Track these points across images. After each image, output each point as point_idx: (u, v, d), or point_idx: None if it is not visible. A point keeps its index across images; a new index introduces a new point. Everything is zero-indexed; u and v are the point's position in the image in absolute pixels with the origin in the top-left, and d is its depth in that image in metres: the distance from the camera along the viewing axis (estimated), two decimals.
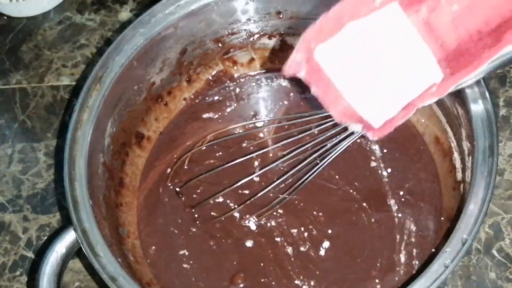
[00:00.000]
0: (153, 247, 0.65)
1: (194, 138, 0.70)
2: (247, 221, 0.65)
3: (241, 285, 0.62)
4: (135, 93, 0.66)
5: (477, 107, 0.56)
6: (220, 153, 0.69)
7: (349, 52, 0.44)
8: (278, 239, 0.64)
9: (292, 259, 0.63)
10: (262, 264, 0.63)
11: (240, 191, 0.66)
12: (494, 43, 0.46)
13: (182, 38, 0.66)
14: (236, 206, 0.65)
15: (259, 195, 0.64)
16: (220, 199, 0.66)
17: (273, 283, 0.62)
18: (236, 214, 0.65)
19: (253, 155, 0.66)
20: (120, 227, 0.63)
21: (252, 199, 0.64)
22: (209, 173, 0.66)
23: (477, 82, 0.54)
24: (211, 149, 0.69)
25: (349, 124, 0.48)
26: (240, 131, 0.70)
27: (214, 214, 0.65)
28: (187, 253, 0.64)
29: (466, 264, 0.63)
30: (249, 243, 0.64)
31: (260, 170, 0.66)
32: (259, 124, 0.71)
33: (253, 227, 0.65)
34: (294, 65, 0.45)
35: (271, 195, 0.65)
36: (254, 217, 0.65)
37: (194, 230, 0.65)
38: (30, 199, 0.72)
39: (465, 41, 0.44)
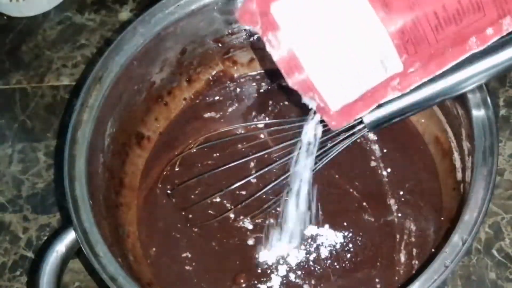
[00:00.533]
0: (154, 249, 0.65)
1: (194, 138, 0.70)
2: (241, 223, 0.65)
3: (244, 285, 0.62)
4: (135, 93, 0.66)
5: (478, 107, 0.56)
6: (218, 154, 0.69)
7: (305, 17, 0.43)
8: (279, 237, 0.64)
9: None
10: (264, 264, 0.63)
11: (237, 192, 0.66)
12: (457, 41, 0.45)
13: (182, 38, 0.66)
14: (232, 207, 0.65)
15: (256, 195, 0.64)
16: (217, 200, 0.66)
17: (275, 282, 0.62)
18: (232, 215, 0.65)
19: (252, 156, 0.66)
20: (120, 227, 0.63)
21: (249, 201, 0.64)
22: (208, 174, 0.66)
23: None
24: (209, 149, 0.69)
25: (305, 98, 0.46)
26: (239, 132, 0.70)
27: (211, 212, 0.65)
28: (189, 255, 0.64)
29: (466, 264, 0.63)
30: (250, 242, 0.64)
31: (257, 171, 0.66)
32: (259, 125, 0.71)
33: (252, 226, 0.65)
34: (249, 14, 0.44)
35: (263, 197, 0.64)
36: (248, 218, 0.65)
37: (195, 231, 0.65)
38: (30, 199, 0.72)
39: (421, 22, 0.43)
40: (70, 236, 0.54)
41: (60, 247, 0.54)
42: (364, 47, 0.44)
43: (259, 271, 0.62)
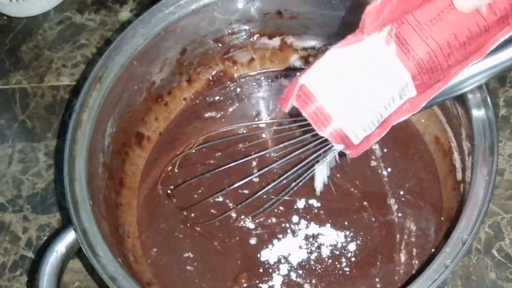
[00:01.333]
0: (155, 249, 0.65)
1: (194, 138, 0.70)
2: (242, 222, 0.65)
3: (245, 285, 0.62)
4: (135, 93, 0.66)
5: (478, 107, 0.56)
6: (218, 153, 0.69)
7: (332, 74, 0.46)
8: (280, 236, 0.64)
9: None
10: (265, 263, 0.63)
11: (239, 191, 0.66)
12: (463, 60, 0.47)
13: (182, 38, 0.66)
14: (234, 207, 0.65)
15: (257, 195, 0.64)
16: (218, 199, 0.66)
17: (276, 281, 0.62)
18: (233, 215, 0.65)
19: (253, 156, 0.66)
20: (120, 227, 0.63)
21: (249, 200, 0.64)
22: (209, 174, 0.66)
23: None
24: (209, 149, 0.69)
25: (334, 144, 0.49)
26: (240, 131, 0.70)
27: (213, 212, 0.65)
28: (191, 255, 0.64)
29: (466, 264, 0.63)
30: (252, 241, 0.64)
31: (258, 171, 0.66)
32: (260, 125, 0.71)
33: (253, 225, 0.65)
34: (288, 99, 0.47)
35: (264, 197, 0.64)
36: (249, 217, 0.65)
37: (196, 231, 0.65)
38: (30, 199, 0.72)
39: (436, 53, 0.45)
40: (70, 236, 0.54)
41: (60, 247, 0.54)
42: (386, 89, 0.46)
43: (260, 270, 0.62)
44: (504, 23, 0.46)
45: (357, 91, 0.46)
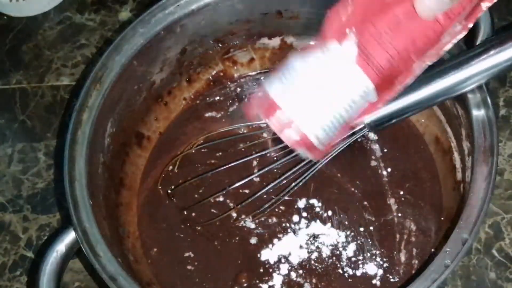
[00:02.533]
0: (155, 249, 0.65)
1: (194, 138, 0.70)
2: (243, 222, 0.65)
3: (245, 285, 0.62)
4: (135, 93, 0.66)
5: (478, 107, 0.56)
6: (219, 153, 0.69)
7: (292, 80, 0.47)
8: (280, 235, 0.64)
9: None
10: (266, 263, 0.63)
11: (240, 191, 0.66)
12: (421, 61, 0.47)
13: (182, 38, 0.66)
14: (234, 206, 0.65)
15: (257, 195, 0.64)
16: (219, 199, 0.66)
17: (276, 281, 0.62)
18: (234, 215, 0.65)
19: (254, 156, 0.66)
20: (120, 227, 0.63)
21: (250, 200, 0.64)
22: (209, 173, 0.66)
23: None
24: (210, 149, 0.69)
25: (299, 151, 0.49)
26: (241, 131, 0.70)
27: (214, 212, 0.65)
28: (191, 255, 0.64)
29: (466, 264, 0.64)
30: (252, 240, 0.64)
31: (259, 170, 0.66)
32: (260, 125, 0.71)
33: (254, 225, 0.65)
34: (254, 109, 0.48)
35: (265, 196, 0.64)
36: (250, 217, 0.65)
37: (197, 231, 0.65)
38: (30, 199, 0.72)
39: (396, 60, 0.47)
40: (70, 236, 0.54)
41: (60, 247, 0.54)
42: (344, 92, 0.47)
43: (261, 270, 0.62)
44: (460, 22, 0.47)
45: (315, 94, 0.46)
